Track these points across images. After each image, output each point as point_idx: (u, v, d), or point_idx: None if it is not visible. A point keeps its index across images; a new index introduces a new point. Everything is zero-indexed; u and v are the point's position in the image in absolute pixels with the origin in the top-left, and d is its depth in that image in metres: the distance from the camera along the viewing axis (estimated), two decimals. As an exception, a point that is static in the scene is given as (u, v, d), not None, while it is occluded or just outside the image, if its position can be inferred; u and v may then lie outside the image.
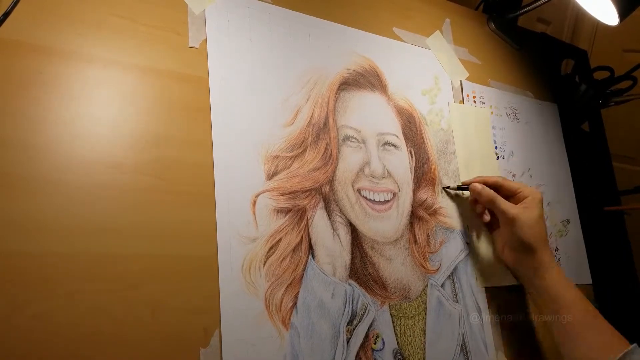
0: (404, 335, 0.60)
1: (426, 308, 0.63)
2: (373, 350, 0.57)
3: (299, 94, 0.61)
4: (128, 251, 0.46)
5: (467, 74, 0.80)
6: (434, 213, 0.68)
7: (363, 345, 0.56)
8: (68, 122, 0.46)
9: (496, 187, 0.68)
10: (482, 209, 0.70)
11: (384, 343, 0.58)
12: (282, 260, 0.54)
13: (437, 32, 0.79)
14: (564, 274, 0.65)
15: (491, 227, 0.71)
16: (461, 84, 0.79)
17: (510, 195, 0.68)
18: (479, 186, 0.68)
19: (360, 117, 0.65)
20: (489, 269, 0.71)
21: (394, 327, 0.60)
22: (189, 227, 0.49)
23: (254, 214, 0.53)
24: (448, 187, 0.71)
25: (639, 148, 1.48)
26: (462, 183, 0.71)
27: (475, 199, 0.70)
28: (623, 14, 0.69)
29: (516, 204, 0.66)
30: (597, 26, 1.41)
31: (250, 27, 0.59)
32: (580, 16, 1.44)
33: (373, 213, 0.62)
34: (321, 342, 0.54)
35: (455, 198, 0.71)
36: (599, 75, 0.98)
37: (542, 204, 0.67)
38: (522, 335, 0.71)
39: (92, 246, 0.44)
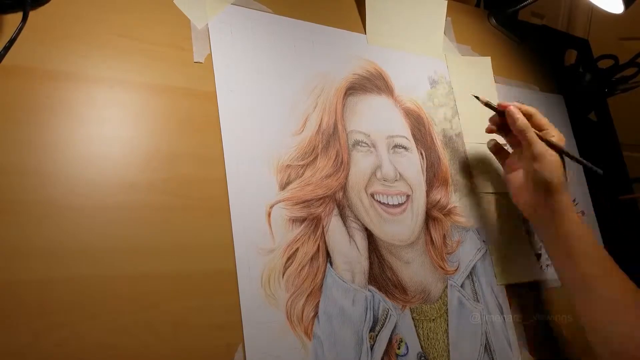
0: (427, 339, 0.59)
1: (447, 310, 0.62)
2: (397, 355, 0.56)
3: (307, 102, 0.60)
4: (147, 270, 0.45)
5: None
6: (448, 213, 0.68)
7: (387, 351, 0.56)
8: (78, 144, 0.46)
9: (527, 116, 0.65)
10: (494, 129, 0.68)
11: (407, 347, 0.58)
12: (300, 270, 0.53)
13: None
14: (582, 223, 0.61)
15: (505, 169, 0.69)
16: (466, 82, 0.79)
17: (537, 130, 0.65)
18: (517, 112, 0.64)
19: (368, 121, 0.65)
20: (508, 266, 0.70)
21: (416, 330, 0.59)
22: (206, 242, 0.49)
23: (270, 224, 0.53)
24: (478, 97, 0.67)
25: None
26: (498, 105, 0.67)
27: (497, 120, 0.68)
28: (628, 1, 0.68)
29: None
30: (591, 17, 1.41)
31: (254, 38, 0.59)
32: (574, 8, 1.44)
33: (388, 217, 0.62)
34: (345, 350, 0.53)
35: (468, 196, 0.71)
36: (603, 64, 0.97)
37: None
38: (545, 331, 0.71)
39: (111, 268, 0.44)
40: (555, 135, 0.64)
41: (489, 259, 0.69)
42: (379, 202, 0.62)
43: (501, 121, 0.67)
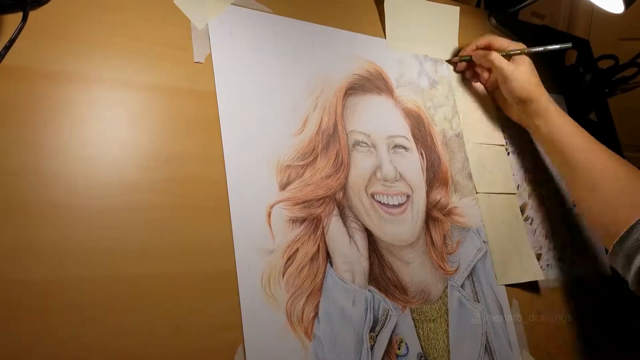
0: (428, 339, 0.59)
1: (447, 310, 0.62)
2: (397, 355, 0.56)
3: (307, 102, 0.60)
4: (147, 271, 0.45)
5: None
6: (448, 213, 0.68)
7: (387, 352, 0.56)
8: (78, 145, 0.46)
9: (487, 46, 0.74)
10: (473, 73, 0.78)
11: (407, 348, 0.58)
12: (300, 270, 0.53)
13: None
14: (565, 115, 0.69)
15: (488, 89, 0.79)
16: (466, 82, 0.79)
17: (500, 51, 0.73)
18: (480, 52, 0.74)
19: (368, 121, 0.64)
20: (508, 266, 0.70)
21: (417, 331, 0.59)
22: (206, 242, 0.49)
23: (270, 225, 0.53)
24: (450, 60, 0.77)
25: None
26: (460, 55, 0.77)
27: (469, 67, 0.77)
28: (629, 1, 0.68)
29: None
30: (592, 17, 1.41)
31: (254, 38, 0.59)
32: (575, 8, 1.44)
33: (388, 217, 0.62)
34: (345, 351, 0.53)
35: (468, 196, 0.71)
36: (603, 64, 0.97)
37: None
38: (546, 331, 0.71)
39: (111, 268, 0.44)
40: (515, 46, 0.73)
41: (489, 259, 0.69)
42: (379, 202, 0.62)
43: (467, 66, 0.78)
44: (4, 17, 0.46)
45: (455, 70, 0.77)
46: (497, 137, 0.78)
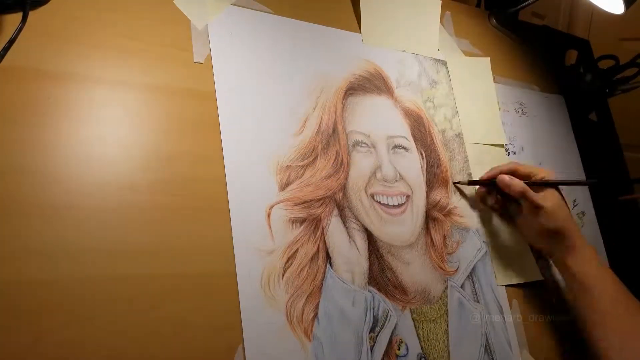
0: (427, 339, 0.59)
1: (447, 310, 0.62)
2: (397, 356, 0.56)
3: (306, 102, 0.60)
4: (147, 271, 0.45)
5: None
6: (448, 213, 0.68)
7: (387, 352, 0.56)
8: (78, 145, 0.46)
9: (511, 173, 0.68)
10: (494, 200, 0.70)
11: (407, 348, 0.57)
12: (300, 270, 0.53)
13: (439, 25, 0.78)
14: (595, 256, 0.66)
15: (509, 217, 0.72)
16: (466, 82, 0.78)
17: (526, 179, 0.67)
18: (507, 177, 0.67)
19: (368, 122, 0.64)
20: (508, 266, 0.70)
21: (416, 331, 0.59)
22: (206, 243, 0.49)
23: (270, 225, 0.53)
24: (459, 182, 0.70)
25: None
26: (480, 178, 0.70)
27: (487, 192, 0.70)
28: (629, 1, 0.68)
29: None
30: (592, 17, 1.41)
31: (254, 38, 0.59)
32: (575, 8, 1.44)
33: (388, 217, 0.62)
34: (345, 351, 0.53)
35: (468, 195, 0.71)
36: (604, 64, 0.97)
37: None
38: (545, 331, 0.71)
39: (111, 269, 0.44)
40: (544, 174, 0.67)
41: (489, 259, 0.69)
42: (379, 202, 0.62)
43: (488, 191, 0.71)
44: (4, 17, 0.46)
45: (475, 194, 0.71)
46: (497, 137, 0.78)
